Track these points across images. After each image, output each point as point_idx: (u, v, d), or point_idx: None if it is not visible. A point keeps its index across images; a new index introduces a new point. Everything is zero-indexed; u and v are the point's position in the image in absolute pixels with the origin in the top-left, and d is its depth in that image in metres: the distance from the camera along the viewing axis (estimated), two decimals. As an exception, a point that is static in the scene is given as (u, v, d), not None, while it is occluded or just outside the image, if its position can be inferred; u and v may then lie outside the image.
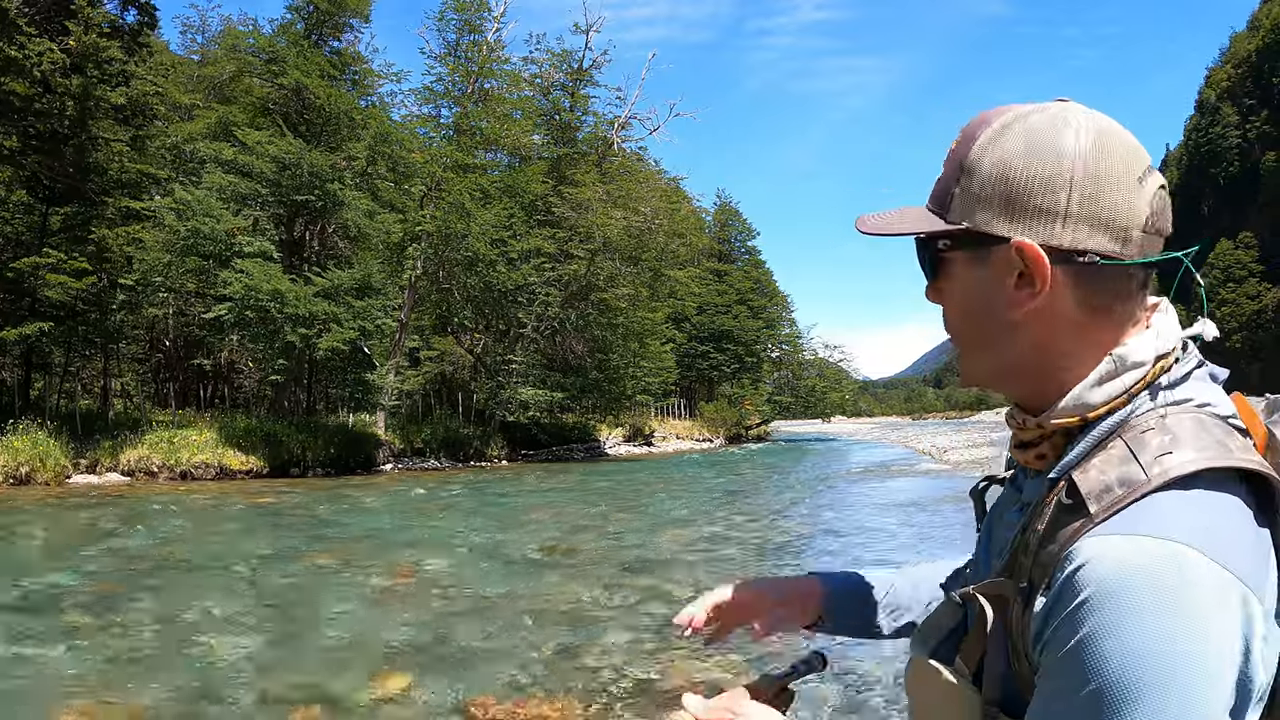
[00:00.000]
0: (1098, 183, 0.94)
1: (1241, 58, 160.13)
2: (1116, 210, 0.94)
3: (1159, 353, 0.97)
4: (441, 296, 39.57)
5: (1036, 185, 0.95)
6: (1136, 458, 0.90)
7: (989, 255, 0.99)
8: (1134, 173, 0.96)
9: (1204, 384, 0.98)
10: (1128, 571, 0.81)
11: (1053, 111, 0.98)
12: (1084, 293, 0.96)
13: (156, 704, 5.98)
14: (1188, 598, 0.79)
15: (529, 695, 6.17)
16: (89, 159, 26.24)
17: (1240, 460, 0.88)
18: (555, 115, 46.43)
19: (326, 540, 13.87)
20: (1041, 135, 0.96)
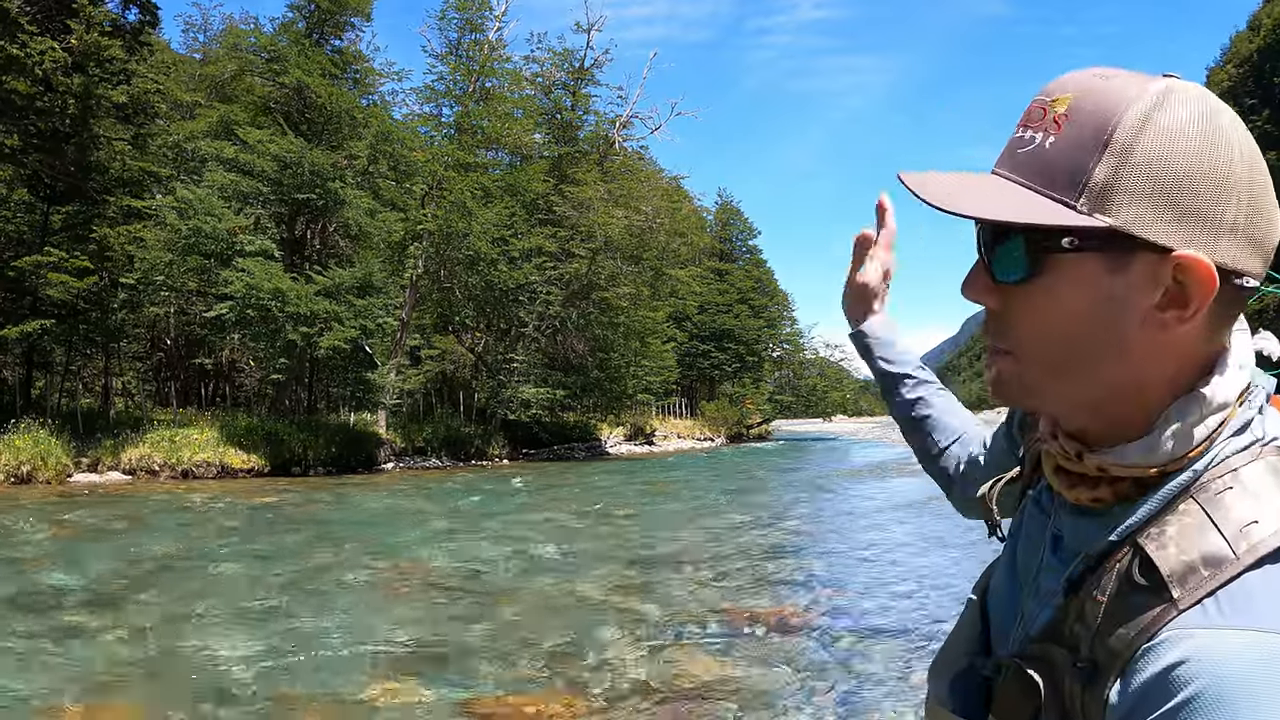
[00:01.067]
0: (1260, 191, 0.77)
1: (1243, 58, 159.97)
2: (1268, 227, 0.78)
3: (1241, 387, 0.81)
4: (443, 295, 39.54)
5: (1209, 184, 0.75)
6: (1218, 527, 0.75)
7: (1129, 263, 0.76)
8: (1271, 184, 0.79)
9: (1273, 414, 0.82)
10: (1238, 676, 0.66)
11: (1198, 92, 0.77)
12: (1215, 318, 0.78)
13: (158, 703, 5.98)
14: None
15: (531, 693, 6.17)
16: (90, 157, 26.24)
17: None
18: (556, 114, 46.39)
19: (328, 539, 13.86)
20: (1206, 121, 0.76)
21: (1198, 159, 0.74)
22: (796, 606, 8.80)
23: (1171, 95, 0.76)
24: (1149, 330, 0.77)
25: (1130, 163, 0.75)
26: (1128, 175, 0.75)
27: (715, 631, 7.84)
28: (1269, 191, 0.77)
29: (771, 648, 7.33)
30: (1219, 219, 0.75)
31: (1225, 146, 0.75)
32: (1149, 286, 0.76)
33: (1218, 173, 0.75)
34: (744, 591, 9.72)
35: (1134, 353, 0.78)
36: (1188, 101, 0.76)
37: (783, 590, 9.75)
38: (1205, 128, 0.75)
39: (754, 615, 8.42)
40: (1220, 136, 0.75)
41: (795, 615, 8.41)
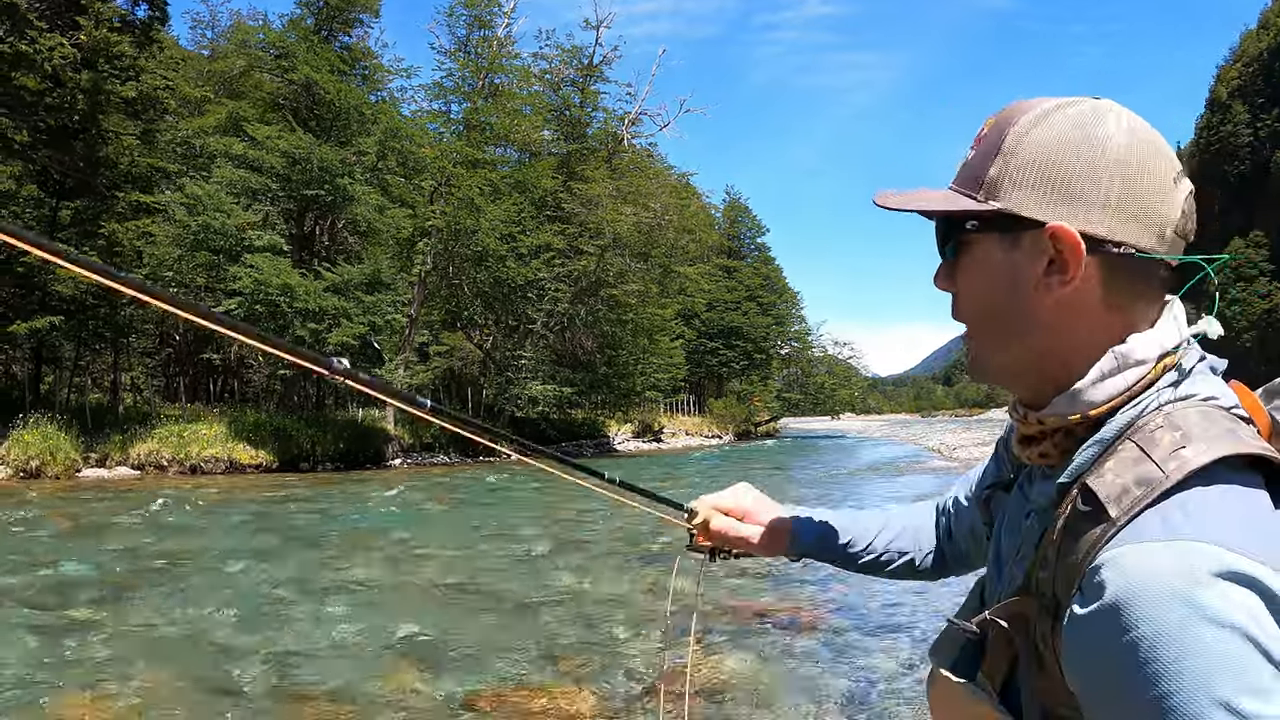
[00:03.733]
0: (1139, 175, 0.94)
1: (1252, 56, 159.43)
2: (1154, 205, 0.94)
3: (1163, 350, 0.96)
4: (451, 292, 39.58)
5: (1079, 171, 0.94)
6: (1150, 456, 0.89)
7: (1020, 239, 0.97)
8: (1170, 173, 0.96)
9: (1207, 378, 0.97)
10: (1156, 580, 0.78)
11: (1093, 104, 0.98)
12: (1109, 287, 0.95)
13: (165, 697, 5.96)
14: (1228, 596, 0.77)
15: (538, 688, 6.14)
16: (99, 153, 26.28)
17: (1253, 447, 0.88)
18: (565, 111, 46.42)
19: (335, 534, 13.86)
20: (1085, 123, 0.96)
21: (1071, 153, 0.94)
22: (805, 603, 8.76)
23: (1060, 109, 0.98)
24: (1043, 294, 0.96)
25: (1015, 160, 0.97)
26: (1013, 169, 0.97)
27: (723, 628, 7.80)
28: (1150, 177, 0.94)
29: (780, 644, 7.29)
30: (1089, 198, 0.93)
31: (1099, 142, 0.94)
32: (1037, 256, 0.96)
33: (1088, 162, 0.94)
34: (753, 588, 9.69)
35: (1040, 317, 0.97)
36: (1073, 113, 0.97)
37: (791, 587, 9.72)
38: (1083, 131, 0.95)
39: (763, 612, 8.39)
40: (1095, 136, 0.95)
41: (804, 612, 8.38)
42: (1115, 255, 0.94)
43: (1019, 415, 1.04)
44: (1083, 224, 0.93)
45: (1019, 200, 0.96)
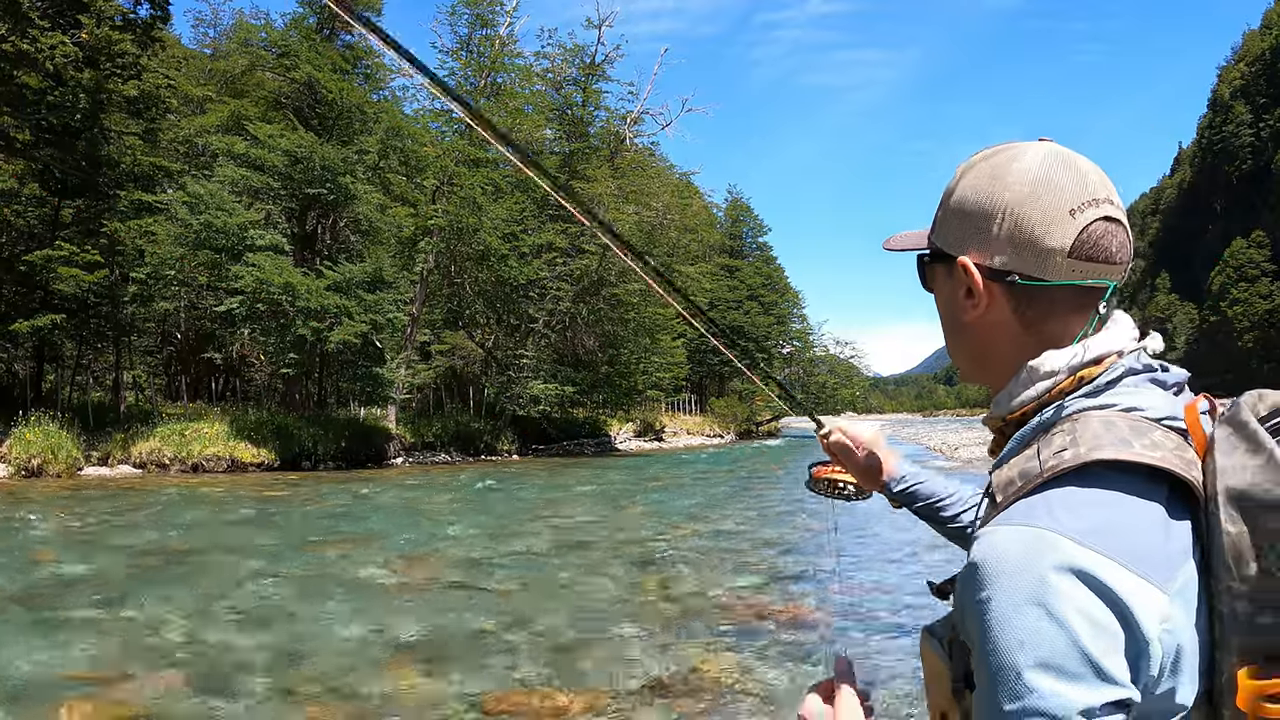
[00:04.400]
0: (1024, 214, 1.06)
1: (1255, 55, 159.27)
2: (1040, 238, 1.05)
3: (1074, 365, 1.06)
4: (453, 291, 39.58)
5: (978, 214, 1.10)
6: (1038, 454, 1.00)
7: (952, 269, 1.13)
8: (1068, 206, 1.05)
9: (1135, 390, 1.05)
10: (997, 553, 0.92)
11: (1014, 151, 1.11)
12: (1016, 308, 1.09)
13: (167, 695, 5.96)
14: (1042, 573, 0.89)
15: (540, 687, 6.13)
16: (101, 152, 26.28)
17: (1139, 456, 0.95)
18: (567, 110, 46.41)
19: (337, 533, 13.86)
20: (993, 172, 1.10)
21: (979, 197, 1.10)
22: (807, 603, 8.75)
23: (986, 158, 1.13)
24: (968, 314, 1.13)
25: (948, 205, 1.15)
26: (946, 212, 1.15)
27: (726, 628, 7.80)
28: (1040, 212, 1.06)
29: (782, 645, 7.28)
30: (987, 234, 1.09)
31: (1001, 186, 1.09)
32: (960, 283, 1.12)
33: (988, 206, 1.09)
34: (755, 588, 9.67)
35: (970, 333, 1.15)
36: (992, 162, 1.11)
37: (794, 587, 9.71)
38: (991, 177, 1.10)
39: (765, 612, 8.37)
40: (999, 180, 1.09)
41: (806, 612, 8.37)
42: (1008, 283, 1.08)
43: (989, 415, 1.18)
44: (980, 257, 1.09)
45: (944, 238, 1.15)
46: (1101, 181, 1.08)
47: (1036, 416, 1.07)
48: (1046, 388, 1.07)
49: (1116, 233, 1.07)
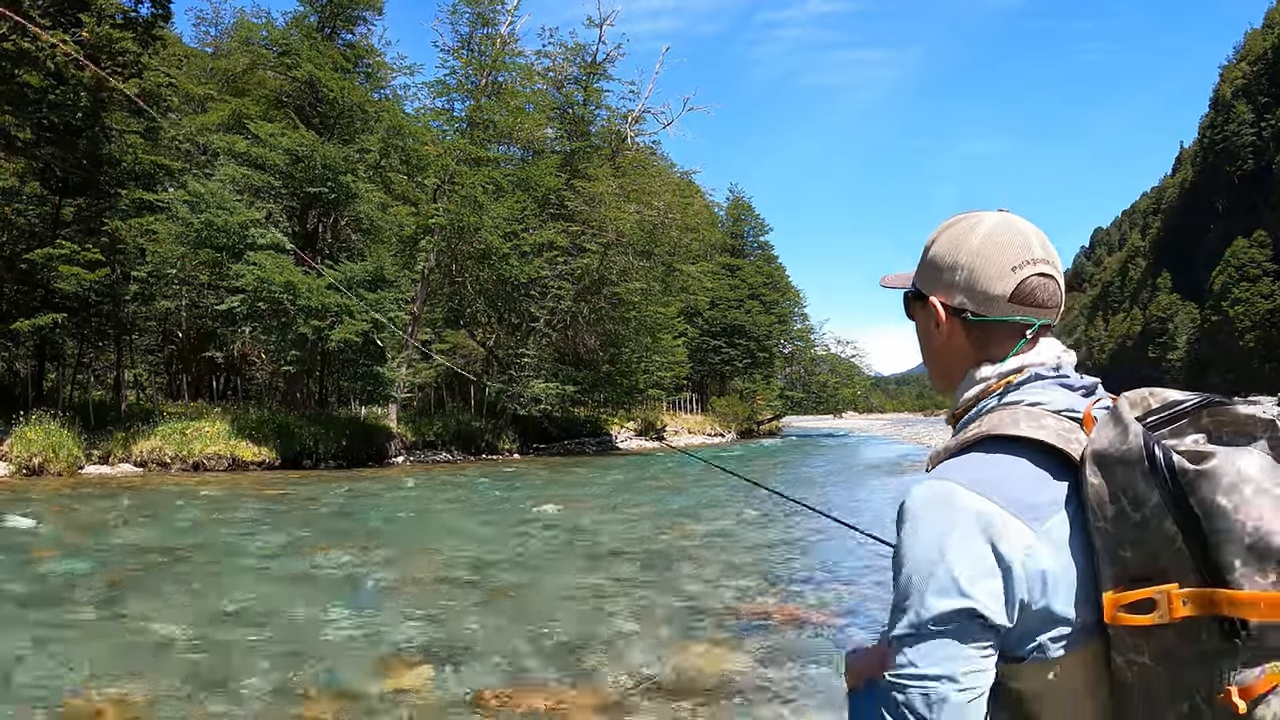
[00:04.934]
0: (975, 269, 1.43)
1: (1257, 55, 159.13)
2: (987, 287, 1.42)
3: (1001, 373, 1.43)
4: (454, 290, 39.58)
5: (944, 267, 1.47)
6: (958, 434, 1.40)
7: (926, 305, 1.51)
8: (1010, 264, 1.41)
9: (1042, 389, 1.38)
10: (913, 499, 1.31)
11: (975, 220, 1.48)
12: (969, 336, 1.47)
13: (167, 695, 5.95)
14: (940, 511, 1.26)
15: (540, 687, 6.13)
16: (102, 150, 26.28)
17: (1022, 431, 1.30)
18: (568, 109, 46.37)
19: (338, 532, 13.87)
20: (957, 236, 1.47)
21: (945, 254, 1.48)
22: (808, 603, 8.74)
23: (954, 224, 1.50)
24: (935, 340, 1.51)
25: (925, 257, 1.52)
26: (924, 264, 1.52)
27: (726, 628, 7.79)
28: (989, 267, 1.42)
29: (783, 645, 7.28)
30: (948, 282, 1.46)
31: (960, 248, 1.45)
32: (930, 316, 1.50)
33: (951, 261, 1.46)
34: (756, 588, 9.67)
35: (939, 354, 1.53)
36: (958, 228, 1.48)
37: (794, 587, 9.70)
38: (954, 240, 1.47)
39: (765, 612, 8.37)
40: (959, 244, 1.46)
41: (807, 612, 8.36)
42: (959, 316, 1.46)
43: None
44: (944, 298, 1.47)
45: (920, 282, 1.53)
46: (1041, 244, 1.43)
47: (974, 410, 1.44)
48: (980, 389, 1.44)
49: (1047, 285, 1.42)
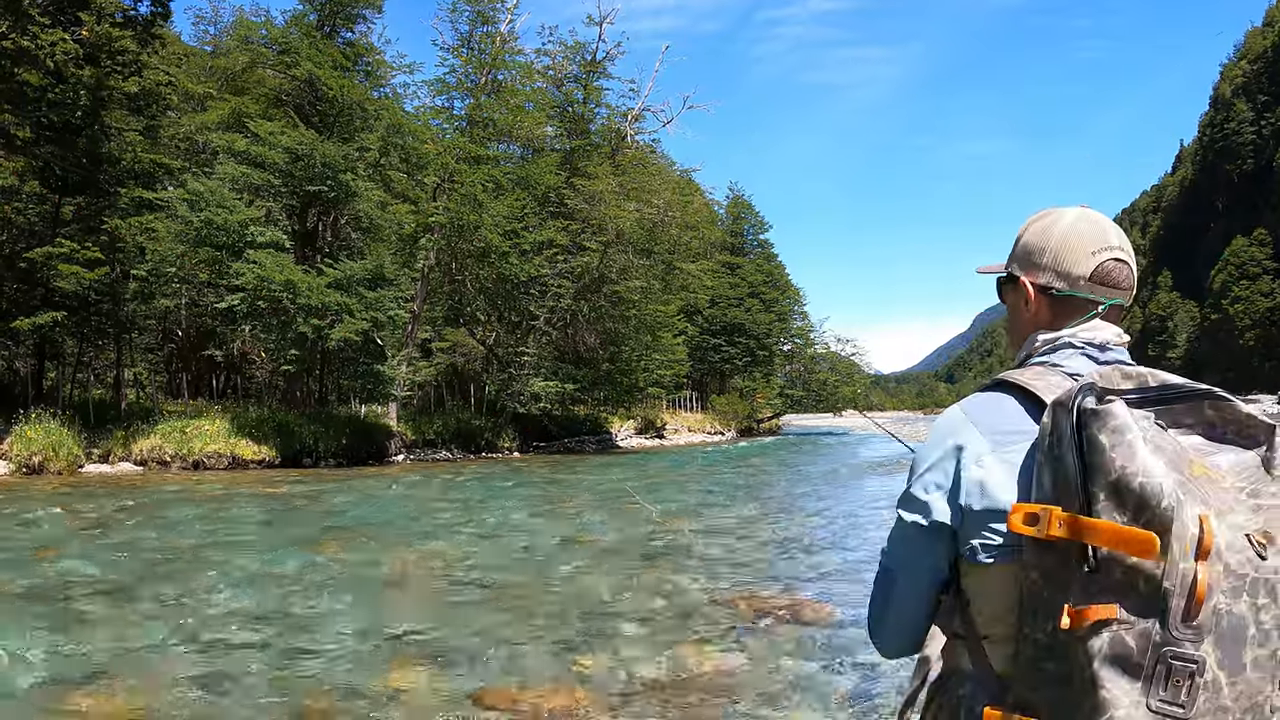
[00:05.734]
0: (1061, 254, 1.65)
1: (1257, 53, 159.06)
2: (1069, 269, 1.64)
3: (1045, 339, 1.65)
4: (454, 288, 39.57)
5: (1033, 253, 1.69)
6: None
7: (1018, 285, 1.72)
8: (1089, 249, 1.63)
9: (1068, 356, 1.60)
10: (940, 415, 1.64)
11: (1059, 214, 1.69)
12: (1051, 310, 1.67)
13: (167, 693, 5.96)
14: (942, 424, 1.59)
15: (540, 685, 6.13)
16: (102, 149, 26.27)
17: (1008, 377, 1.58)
18: (568, 107, 46.35)
19: (338, 530, 13.87)
20: (1045, 226, 1.69)
21: (1034, 243, 1.69)
22: (808, 599, 8.75)
23: (1041, 218, 1.71)
24: (1025, 315, 1.71)
25: (1016, 247, 1.73)
26: (1016, 252, 1.73)
27: (726, 625, 7.80)
28: (1070, 254, 1.63)
29: (783, 641, 7.28)
30: (1038, 265, 1.67)
31: (1047, 237, 1.66)
32: (1021, 294, 1.70)
33: (1039, 244, 1.67)
34: (756, 584, 9.68)
35: (1025, 325, 1.71)
36: (1044, 221, 1.69)
37: (795, 583, 9.71)
38: (1042, 231, 1.68)
39: (765, 608, 8.38)
40: (1047, 234, 1.67)
41: (807, 608, 8.36)
42: (1046, 291, 1.66)
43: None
44: (1034, 278, 1.68)
45: (1014, 267, 1.73)
46: (1117, 234, 1.65)
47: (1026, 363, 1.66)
48: (1028, 351, 1.68)
49: (1121, 268, 1.64)
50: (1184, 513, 1.21)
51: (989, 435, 1.49)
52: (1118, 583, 1.24)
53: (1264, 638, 1.23)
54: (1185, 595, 1.20)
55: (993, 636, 1.47)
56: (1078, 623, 1.25)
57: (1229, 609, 1.22)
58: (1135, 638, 1.22)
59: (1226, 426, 1.37)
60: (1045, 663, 1.31)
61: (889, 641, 1.69)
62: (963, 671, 1.51)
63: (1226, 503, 1.26)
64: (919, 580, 1.59)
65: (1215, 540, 1.21)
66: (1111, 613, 1.23)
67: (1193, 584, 1.20)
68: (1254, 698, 1.23)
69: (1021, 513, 1.34)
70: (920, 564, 1.57)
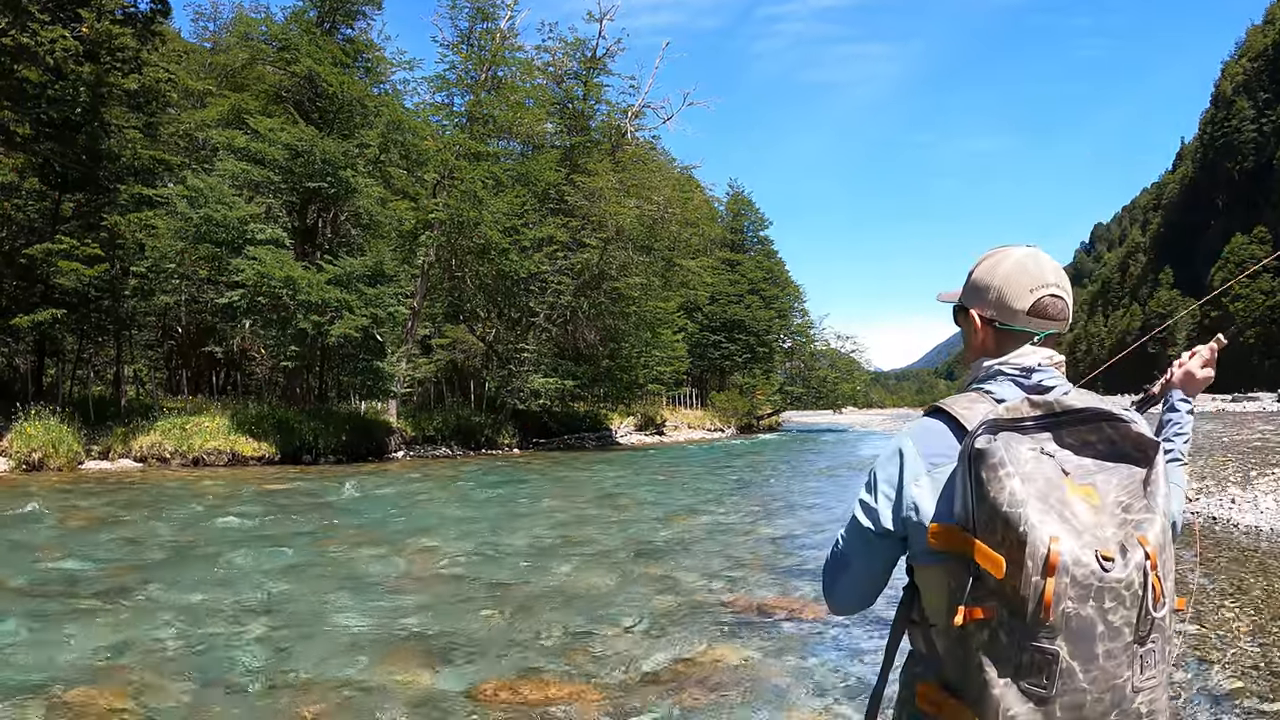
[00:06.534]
0: (1004, 290, 1.90)
1: (1258, 51, 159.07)
2: (1010, 303, 1.90)
3: (991, 367, 1.90)
4: (454, 284, 39.54)
5: (981, 289, 1.95)
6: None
7: (968, 315, 1.99)
8: (1028, 287, 1.88)
9: (998, 382, 1.87)
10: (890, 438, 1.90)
11: (1004, 254, 1.94)
12: (994, 339, 1.95)
13: (167, 690, 5.96)
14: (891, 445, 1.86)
15: (539, 680, 6.14)
16: (101, 146, 26.26)
17: (947, 406, 1.85)
18: (568, 104, 46.34)
19: (338, 526, 13.87)
20: (991, 265, 1.95)
21: (981, 278, 1.93)
22: (807, 597, 8.75)
23: (988, 256, 1.96)
24: (975, 341, 1.97)
25: (968, 281, 1.98)
26: (968, 285, 1.98)
27: (726, 622, 7.80)
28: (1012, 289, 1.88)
29: (782, 638, 7.29)
30: (984, 299, 1.92)
31: (992, 275, 1.91)
32: (971, 322, 1.96)
33: (985, 284, 1.92)
34: (755, 582, 9.68)
35: (975, 351, 1.97)
36: (992, 259, 1.94)
37: (794, 581, 9.71)
38: (989, 269, 1.93)
39: (764, 606, 8.38)
40: (992, 271, 1.91)
41: (806, 606, 8.36)
42: (991, 324, 1.94)
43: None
44: (981, 311, 1.95)
45: (965, 299, 2.00)
46: (1055, 272, 1.89)
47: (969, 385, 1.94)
48: (972, 376, 1.94)
49: (1056, 303, 1.88)
50: (1036, 535, 1.47)
51: (925, 459, 1.79)
52: (992, 590, 1.52)
53: (1114, 634, 1.49)
54: (1037, 602, 1.47)
55: (937, 625, 1.74)
56: (968, 619, 1.55)
57: (1076, 612, 1.47)
58: (1006, 634, 1.51)
59: (1125, 443, 1.64)
60: (956, 650, 1.61)
61: (841, 605, 2.02)
62: (918, 653, 1.85)
63: (1089, 521, 1.53)
64: (872, 565, 1.91)
65: (1061, 558, 1.46)
66: (990, 613, 1.53)
67: (1041, 592, 1.47)
68: (1112, 681, 1.50)
69: (935, 529, 1.69)
70: (872, 555, 1.89)
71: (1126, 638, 1.50)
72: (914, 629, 1.87)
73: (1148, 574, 1.51)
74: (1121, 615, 1.49)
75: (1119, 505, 1.57)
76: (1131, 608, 1.50)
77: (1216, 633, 7.05)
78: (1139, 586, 1.50)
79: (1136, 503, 1.57)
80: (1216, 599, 8.16)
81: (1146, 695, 1.55)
